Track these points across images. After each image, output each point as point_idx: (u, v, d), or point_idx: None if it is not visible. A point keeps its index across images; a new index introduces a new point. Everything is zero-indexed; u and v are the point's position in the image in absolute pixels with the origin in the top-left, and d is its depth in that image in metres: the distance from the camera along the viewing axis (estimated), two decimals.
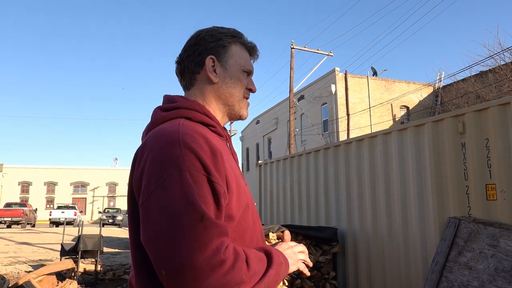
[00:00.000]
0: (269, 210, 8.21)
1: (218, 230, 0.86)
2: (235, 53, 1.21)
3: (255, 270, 0.91)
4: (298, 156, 7.31)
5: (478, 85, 18.71)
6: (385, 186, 5.11)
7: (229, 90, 1.19)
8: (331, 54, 20.08)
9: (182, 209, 0.86)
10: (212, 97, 1.18)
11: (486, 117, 3.97)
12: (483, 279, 3.45)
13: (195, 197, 0.88)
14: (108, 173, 51.77)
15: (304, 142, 24.01)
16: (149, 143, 0.99)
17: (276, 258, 1.01)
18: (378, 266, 5.16)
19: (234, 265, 0.85)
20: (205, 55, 1.17)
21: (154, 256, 0.87)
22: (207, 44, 1.18)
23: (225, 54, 1.19)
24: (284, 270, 1.05)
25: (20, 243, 14.81)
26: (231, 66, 1.20)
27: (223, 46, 1.19)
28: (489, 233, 3.59)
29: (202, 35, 1.20)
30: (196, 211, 0.86)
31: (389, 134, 5.16)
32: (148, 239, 0.89)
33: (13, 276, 7.96)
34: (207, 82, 1.18)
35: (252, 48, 1.26)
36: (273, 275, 0.97)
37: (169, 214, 0.87)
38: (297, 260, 1.14)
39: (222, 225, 0.89)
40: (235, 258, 0.87)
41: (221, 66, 1.18)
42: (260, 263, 0.95)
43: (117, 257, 10.88)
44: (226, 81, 1.19)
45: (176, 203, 0.87)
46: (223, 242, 0.86)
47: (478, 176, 3.96)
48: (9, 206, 27.48)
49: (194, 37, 1.21)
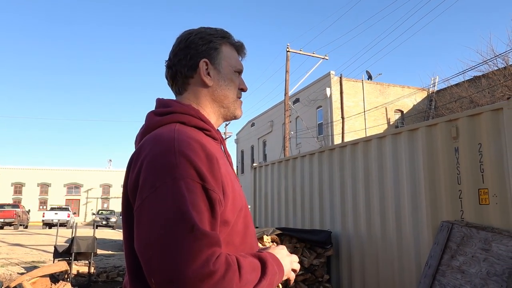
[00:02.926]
0: (264, 213, 8.22)
1: (208, 240, 0.86)
2: (226, 54, 1.20)
3: (247, 280, 0.90)
4: (293, 159, 7.33)
5: (471, 90, 18.88)
6: (379, 190, 5.15)
7: (223, 92, 1.18)
8: (326, 57, 20.18)
9: (173, 219, 0.86)
10: (207, 101, 1.17)
11: (479, 122, 4.02)
12: (476, 282, 3.49)
13: (187, 207, 0.87)
14: (102, 175, 51.49)
15: (299, 145, 24.05)
16: (144, 149, 0.99)
17: (271, 268, 1.00)
18: (371, 270, 5.19)
19: (225, 276, 0.85)
20: (198, 59, 1.16)
21: (145, 264, 0.88)
22: (198, 47, 1.16)
23: (218, 56, 1.18)
24: (278, 279, 1.04)
25: (12, 245, 14.69)
26: (224, 68, 1.19)
27: (214, 48, 1.18)
28: (481, 237, 3.62)
29: (192, 38, 1.17)
30: (186, 221, 0.85)
31: (384, 138, 5.20)
32: (139, 246, 0.89)
33: (5, 278, 7.90)
34: (201, 86, 1.16)
35: (240, 47, 1.25)
36: (266, 285, 0.96)
37: (160, 224, 0.87)
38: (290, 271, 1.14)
39: (213, 235, 0.87)
40: (226, 269, 0.85)
41: (214, 68, 1.17)
42: (254, 272, 0.94)
43: (111, 259, 10.83)
44: (220, 84, 1.18)
45: (167, 213, 0.87)
46: (214, 252, 0.85)
47: (471, 181, 4.00)
48: (2, 207, 27.12)
49: (184, 40, 1.18)
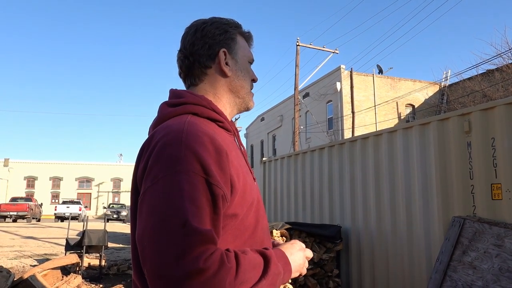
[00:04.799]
0: (273, 207, 8.21)
1: (200, 237, 0.83)
2: (241, 44, 1.20)
3: (243, 279, 0.87)
4: (303, 154, 7.30)
5: (484, 84, 18.58)
6: (389, 185, 5.10)
7: (240, 83, 1.18)
8: (336, 51, 20.03)
9: (167, 213, 0.85)
10: (224, 91, 1.16)
11: (492, 116, 3.94)
12: (487, 278, 3.44)
13: (183, 202, 0.86)
14: (113, 169, 52.00)
15: (308, 139, 23.97)
16: (154, 140, 0.98)
17: (274, 267, 0.95)
18: (381, 265, 5.15)
19: (216, 274, 0.82)
20: (217, 48, 1.14)
21: (140, 255, 0.88)
22: (215, 36, 1.15)
23: (235, 46, 1.17)
24: (282, 279, 0.99)
25: (25, 237, 14.92)
26: (240, 58, 1.19)
27: (231, 38, 1.17)
28: (494, 233, 3.57)
29: (208, 27, 1.16)
30: (179, 216, 0.84)
31: (395, 132, 5.14)
32: (137, 235, 0.90)
33: (18, 270, 8.03)
34: (220, 76, 1.15)
35: (250, 37, 1.25)
36: (266, 285, 0.91)
37: (154, 216, 0.86)
38: (303, 266, 1.11)
39: (206, 232, 0.85)
40: (219, 267, 0.82)
41: (232, 58, 1.17)
42: (254, 270, 0.90)
43: (121, 252, 10.94)
44: (238, 74, 1.17)
45: (163, 206, 0.86)
46: (206, 250, 0.83)
47: (483, 176, 3.94)
48: (15, 201, 27.64)
49: (199, 30, 1.16)
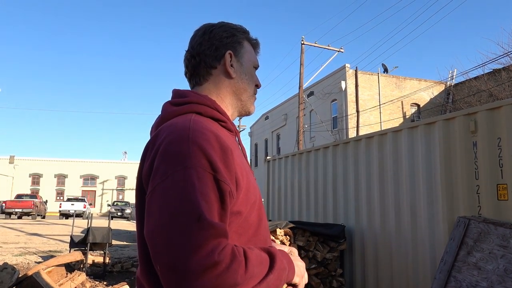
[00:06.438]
0: (277, 206, 8.21)
1: (214, 231, 0.85)
2: (247, 49, 1.24)
3: (253, 273, 0.89)
4: (307, 153, 7.29)
5: (491, 83, 18.46)
6: (394, 184, 5.08)
7: (244, 86, 1.21)
8: (341, 50, 19.95)
9: (180, 208, 0.86)
10: (227, 92, 1.19)
11: (498, 116, 3.91)
12: (492, 279, 3.42)
13: (195, 196, 0.87)
14: (118, 167, 52.21)
15: (313, 138, 23.93)
16: (159, 138, 0.99)
17: (279, 263, 0.99)
18: (385, 264, 5.14)
19: (229, 267, 0.84)
20: (223, 50, 1.18)
21: (152, 251, 0.88)
22: (223, 39, 1.18)
23: (241, 50, 1.21)
24: (287, 275, 1.03)
25: (30, 234, 15.00)
26: (246, 61, 1.22)
27: (238, 42, 1.21)
28: (499, 234, 3.54)
29: (216, 30, 1.19)
30: (194, 211, 0.86)
31: (399, 132, 5.12)
32: (147, 232, 0.90)
33: (23, 266, 8.07)
34: (224, 77, 1.18)
35: (257, 45, 1.29)
36: (273, 279, 0.95)
37: (167, 211, 0.87)
38: (302, 276, 1.13)
39: (219, 226, 0.87)
40: (231, 260, 0.85)
41: (237, 61, 1.20)
42: (261, 266, 0.94)
43: (125, 250, 10.98)
44: (242, 77, 1.21)
45: (176, 201, 0.87)
46: (219, 243, 0.85)
47: (489, 176, 3.91)
48: (20, 198, 27.81)
49: (208, 32, 1.20)
